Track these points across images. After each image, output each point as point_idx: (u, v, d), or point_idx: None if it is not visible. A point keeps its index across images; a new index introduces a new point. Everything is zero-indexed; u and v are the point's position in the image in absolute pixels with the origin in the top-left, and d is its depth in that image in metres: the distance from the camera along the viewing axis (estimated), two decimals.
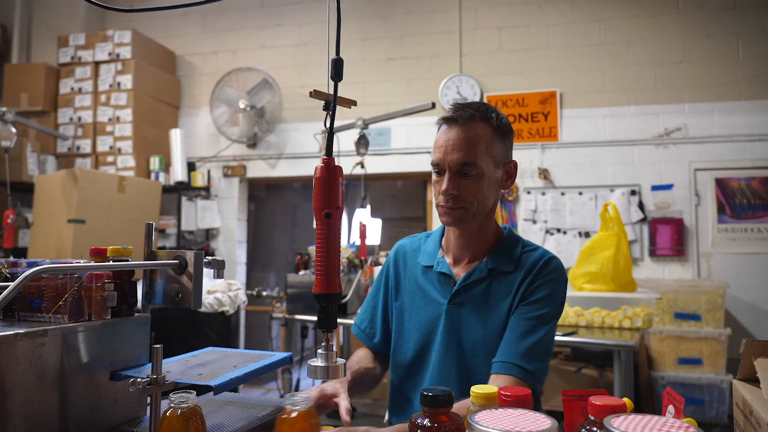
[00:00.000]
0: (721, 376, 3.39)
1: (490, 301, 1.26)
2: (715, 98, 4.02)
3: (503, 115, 1.29)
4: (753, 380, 0.73)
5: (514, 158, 1.32)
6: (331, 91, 0.87)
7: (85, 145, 4.57)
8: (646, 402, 3.49)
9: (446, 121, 1.26)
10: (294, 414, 0.84)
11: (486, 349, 1.23)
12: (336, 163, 0.87)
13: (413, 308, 1.34)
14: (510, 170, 1.31)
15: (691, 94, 4.07)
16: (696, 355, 3.45)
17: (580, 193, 4.22)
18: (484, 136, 1.23)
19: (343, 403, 1.15)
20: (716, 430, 3.38)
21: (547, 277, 1.25)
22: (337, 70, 0.87)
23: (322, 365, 0.85)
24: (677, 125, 4.07)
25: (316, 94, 0.88)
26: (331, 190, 0.86)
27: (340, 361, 0.87)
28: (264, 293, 3.64)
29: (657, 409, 3.35)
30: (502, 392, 0.75)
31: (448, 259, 1.33)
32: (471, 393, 0.78)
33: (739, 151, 3.96)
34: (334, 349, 0.87)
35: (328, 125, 0.86)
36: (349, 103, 0.92)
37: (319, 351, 0.86)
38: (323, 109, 0.88)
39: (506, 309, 1.24)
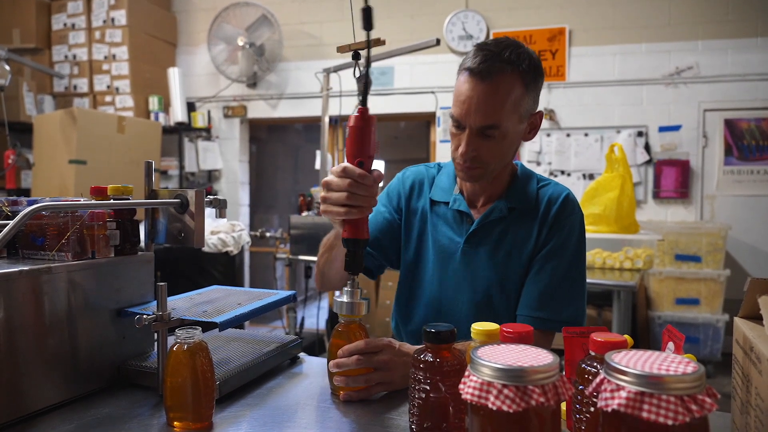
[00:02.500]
0: (717, 316, 3.46)
1: (509, 242, 1.22)
2: (730, 35, 3.88)
3: (533, 54, 1.14)
4: (754, 318, 0.74)
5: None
6: (344, 40, 0.88)
7: (82, 85, 4.48)
8: (643, 341, 3.58)
9: (471, 72, 1.09)
10: (350, 325, 0.99)
11: (502, 288, 1.21)
12: (370, 113, 0.89)
13: (425, 240, 1.30)
14: (535, 122, 1.20)
15: (705, 31, 3.92)
16: (694, 295, 3.51)
17: (586, 135, 4.16)
18: (512, 93, 1.09)
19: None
20: (709, 367, 3.49)
21: (563, 219, 1.21)
22: (367, 20, 0.86)
23: (348, 301, 0.94)
24: (689, 64, 3.95)
25: (350, 48, 0.90)
26: (364, 139, 0.90)
27: (364, 300, 0.96)
28: (267, 234, 3.66)
29: (653, 348, 3.44)
30: (504, 329, 0.75)
31: (464, 198, 1.28)
32: (472, 330, 0.79)
33: (751, 91, 3.86)
34: (359, 287, 0.95)
35: (358, 75, 0.87)
36: (377, 44, 0.92)
37: (346, 288, 0.94)
38: (353, 58, 0.88)
39: (529, 250, 1.21)
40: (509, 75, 1.09)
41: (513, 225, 1.23)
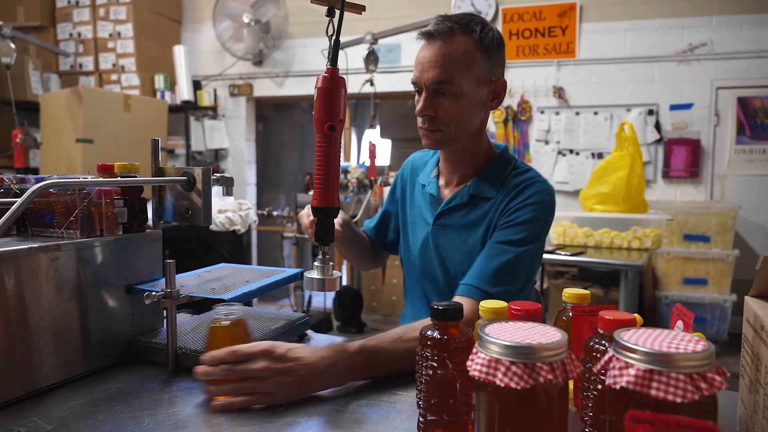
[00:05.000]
0: (725, 296, 3.45)
1: (468, 226, 1.25)
2: (746, 10, 3.78)
3: (492, 27, 1.19)
4: (766, 297, 0.73)
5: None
6: (350, 16, 0.83)
7: (88, 63, 4.46)
8: (649, 321, 3.58)
9: (425, 36, 1.17)
10: (225, 323, 0.87)
11: (464, 270, 1.21)
12: (339, 74, 0.83)
13: (414, 224, 1.37)
14: (497, 89, 1.21)
15: (720, 6, 3.83)
16: (702, 275, 3.49)
17: (596, 113, 4.10)
18: (464, 52, 1.14)
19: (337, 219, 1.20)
20: (716, 347, 3.48)
21: (527, 201, 1.18)
22: None
23: (319, 277, 0.86)
24: (702, 40, 3.87)
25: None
26: (334, 101, 0.82)
27: (336, 273, 0.87)
28: (274, 213, 3.67)
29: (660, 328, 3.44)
30: (512, 306, 0.75)
31: (441, 181, 1.33)
32: (480, 308, 0.78)
33: (766, 68, 3.78)
34: (331, 262, 0.87)
35: (331, 32, 0.81)
36: (358, 8, 0.86)
37: (316, 263, 0.86)
38: (326, 15, 0.82)
39: (482, 233, 1.22)
40: (460, 35, 1.14)
41: (472, 211, 1.25)
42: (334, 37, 0.82)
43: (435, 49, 1.14)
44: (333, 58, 0.82)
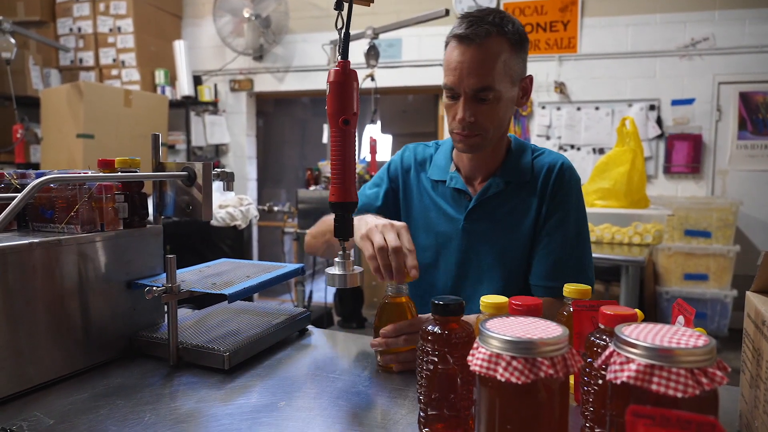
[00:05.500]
0: (725, 291, 3.45)
1: (508, 215, 1.24)
2: (748, 5, 3.77)
3: (517, 21, 1.16)
4: (767, 292, 0.73)
5: (529, 71, 1.22)
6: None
7: (88, 58, 4.45)
8: (650, 316, 3.58)
9: (459, 39, 1.12)
10: (395, 300, 0.97)
11: (504, 262, 1.23)
12: (351, 67, 0.83)
13: (425, 219, 1.32)
14: (526, 86, 1.21)
15: (722, 0, 3.81)
16: (703, 271, 3.49)
17: (597, 108, 4.09)
18: (501, 55, 1.11)
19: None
20: (716, 342, 3.48)
21: (563, 189, 1.22)
22: None
23: (340, 273, 0.87)
24: (704, 35, 3.85)
25: None
26: (347, 95, 0.81)
27: (357, 268, 0.89)
28: (275, 208, 3.67)
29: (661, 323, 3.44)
30: (513, 302, 0.75)
31: (461, 175, 1.29)
32: (480, 303, 0.78)
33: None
34: (352, 257, 0.88)
35: (340, 25, 0.81)
36: (366, 0, 0.86)
37: (336, 259, 0.87)
38: (335, 8, 0.82)
39: (529, 223, 1.22)
40: (496, 37, 1.12)
41: (511, 199, 1.24)
42: (343, 30, 0.81)
43: (474, 54, 1.10)
44: (344, 52, 0.82)
